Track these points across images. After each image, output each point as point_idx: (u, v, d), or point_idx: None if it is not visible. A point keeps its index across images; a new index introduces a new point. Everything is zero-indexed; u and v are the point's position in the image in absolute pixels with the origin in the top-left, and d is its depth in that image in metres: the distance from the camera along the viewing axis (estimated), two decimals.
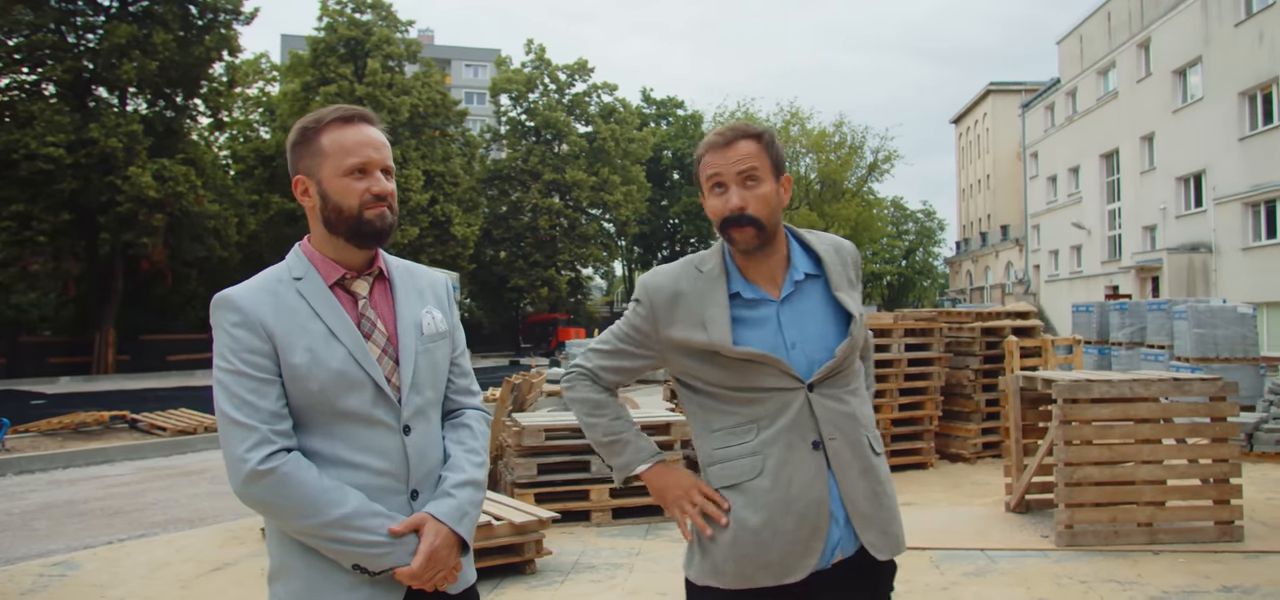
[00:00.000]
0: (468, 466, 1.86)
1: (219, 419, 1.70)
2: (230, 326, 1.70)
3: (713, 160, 1.92)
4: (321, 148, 1.78)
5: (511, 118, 45.44)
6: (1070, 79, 36.75)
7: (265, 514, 1.72)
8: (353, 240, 1.77)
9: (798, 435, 1.88)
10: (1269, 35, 22.50)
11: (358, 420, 1.73)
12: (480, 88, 71.07)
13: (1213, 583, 4.88)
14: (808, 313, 1.95)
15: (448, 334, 1.93)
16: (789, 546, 1.86)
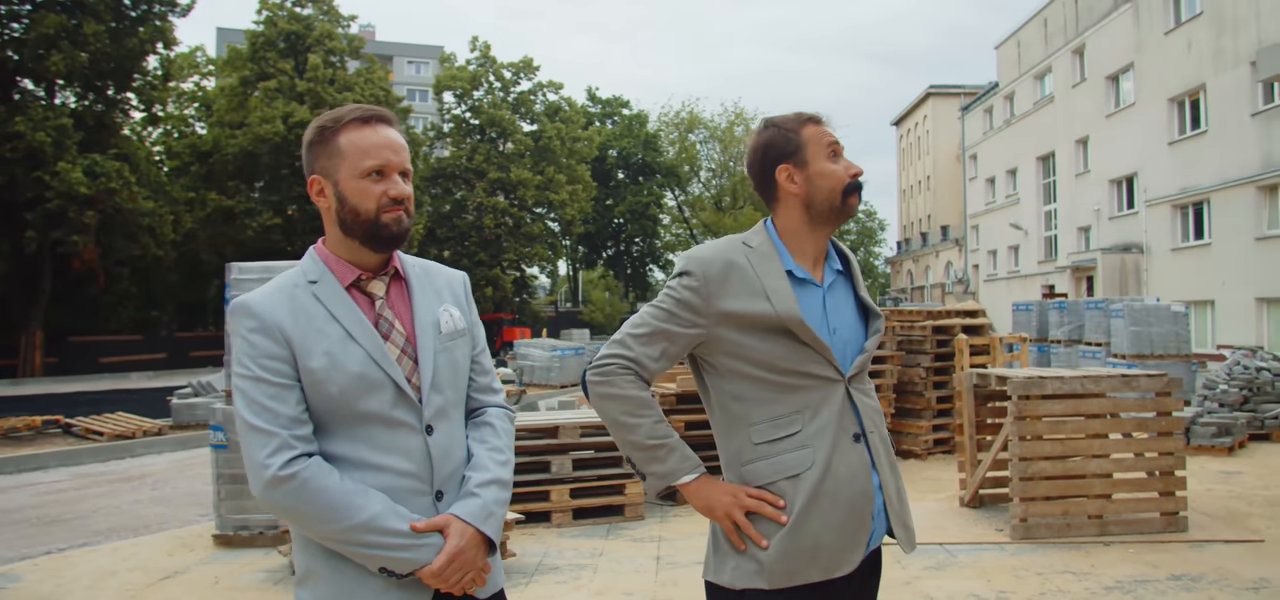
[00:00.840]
0: (492, 465, 1.83)
1: (239, 426, 1.67)
2: (247, 333, 1.68)
3: (822, 131, 1.97)
4: (339, 148, 1.74)
5: (456, 116, 44.97)
6: (1008, 83, 37.64)
7: (288, 519, 1.69)
8: (368, 243, 1.74)
9: (842, 428, 1.86)
10: (1196, 44, 23.32)
11: (379, 422, 1.71)
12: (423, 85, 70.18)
13: (1162, 572, 5.03)
14: (844, 305, 1.98)
15: (467, 332, 1.90)
16: (841, 540, 1.84)
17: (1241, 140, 21.56)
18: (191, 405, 13.64)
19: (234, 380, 1.69)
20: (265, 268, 6.06)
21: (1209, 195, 22.92)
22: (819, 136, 1.95)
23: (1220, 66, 22.30)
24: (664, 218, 56.12)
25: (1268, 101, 20.98)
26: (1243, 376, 9.90)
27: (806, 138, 1.94)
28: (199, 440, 12.44)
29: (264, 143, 32.49)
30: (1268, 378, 9.84)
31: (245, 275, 6.01)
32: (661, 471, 1.89)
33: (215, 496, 6.02)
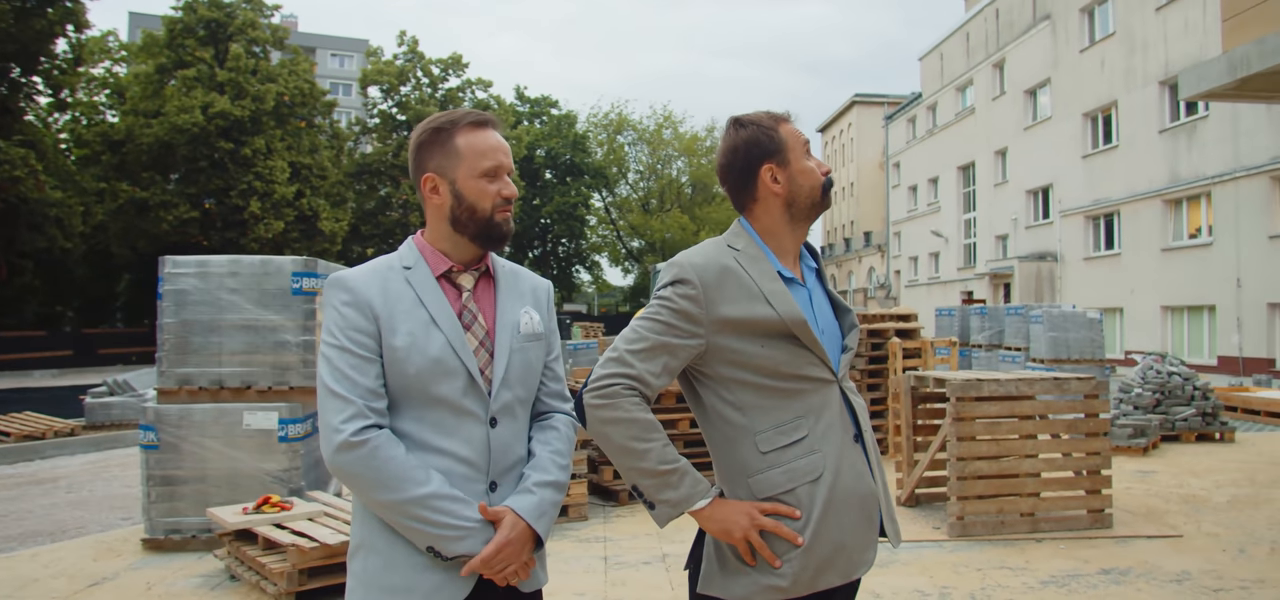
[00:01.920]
0: (552, 468, 1.90)
1: (320, 390, 1.77)
2: (340, 305, 1.78)
3: (798, 128, 1.98)
4: (457, 149, 1.84)
5: (382, 111, 44.08)
6: (931, 94, 38.68)
7: (351, 485, 1.75)
8: (479, 240, 1.86)
9: (840, 429, 1.86)
10: (1109, 62, 24.34)
11: (448, 407, 1.79)
12: (347, 78, 68.71)
13: (1092, 566, 5.23)
14: (822, 303, 1.98)
15: (544, 336, 1.98)
16: (858, 540, 1.84)
17: (1149, 156, 22.58)
18: (107, 405, 13.06)
19: (322, 347, 1.79)
20: (201, 262, 5.85)
21: (1119, 207, 23.95)
22: (795, 134, 1.95)
23: (1131, 85, 23.32)
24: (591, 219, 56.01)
25: (1174, 120, 22.02)
26: (1155, 381, 10.36)
27: (785, 136, 1.93)
28: (115, 441, 11.93)
29: (181, 133, 31.32)
30: (1177, 382, 10.32)
31: (180, 269, 5.80)
32: (675, 498, 1.79)
33: (144, 499, 5.78)
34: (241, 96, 32.65)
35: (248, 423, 5.73)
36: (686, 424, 7.52)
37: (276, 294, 5.83)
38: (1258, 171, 18.92)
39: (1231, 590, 4.77)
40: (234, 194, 32.44)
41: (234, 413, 5.73)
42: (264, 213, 32.61)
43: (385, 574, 1.75)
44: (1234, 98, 6.53)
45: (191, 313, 5.78)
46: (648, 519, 6.62)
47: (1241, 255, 19.32)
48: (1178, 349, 21.39)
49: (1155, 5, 22.28)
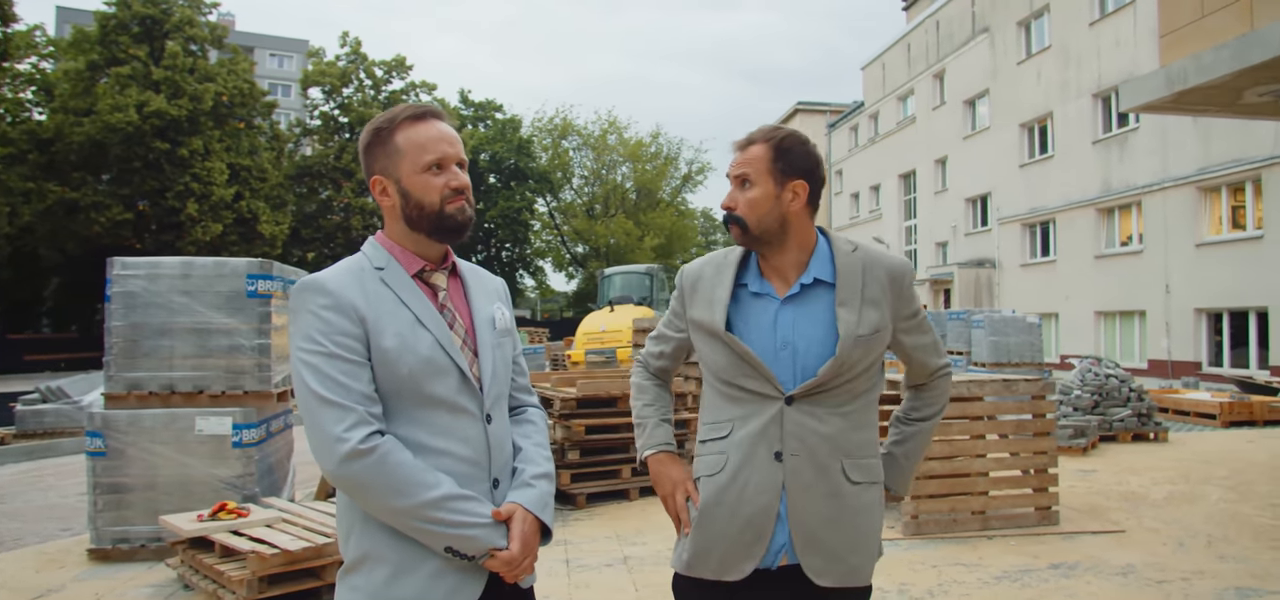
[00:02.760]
0: (541, 460, 1.93)
1: (307, 401, 1.68)
2: (320, 309, 1.70)
3: (731, 160, 2.03)
4: (397, 147, 1.80)
5: (324, 112, 43.39)
6: (873, 103, 39.36)
7: (359, 496, 1.70)
8: (435, 235, 1.82)
9: (763, 444, 1.93)
10: (1045, 75, 25.07)
11: (443, 407, 1.76)
12: (286, 79, 67.42)
13: (1042, 561, 5.40)
14: (811, 318, 1.95)
15: (511, 332, 1.98)
16: (731, 547, 1.94)
17: (1083, 166, 23.30)
18: (40, 412, 12.61)
19: (302, 357, 1.69)
20: (152, 263, 5.71)
21: (1054, 215, 24.65)
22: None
23: (1066, 97, 24.04)
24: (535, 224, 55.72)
25: (1107, 131, 22.76)
26: (1094, 383, 10.70)
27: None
28: (49, 450, 11.53)
29: (114, 132, 30.42)
30: (1114, 384, 10.67)
31: (129, 271, 5.65)
32: (639, 443, 2.16)
33: (90, 508, 5.61)
34: (178, 95, 31.85)
35: (200, 428, 5.61)
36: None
37: (231, 296, 5.72)
38: (1185, 182, 19.66)
39: (1174, 582, 4.96)
40: (170, 195, 31.62)
41: (186, 418, 5.60)
42: (202, 215, 31.85)
43: (394, 585, 1.70)
44: (1171, 110, 6.79)
45: (141, 315, 5.63)
46: (608, 522, 6.64)
47: (1170, 262, 20.05)
48: (1110, 352, 22.09)
49: (1089, 21, 23.02)
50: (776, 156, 1.96)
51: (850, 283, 1.96)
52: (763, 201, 1.95)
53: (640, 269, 24.39)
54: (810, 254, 1.99)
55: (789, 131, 2.01)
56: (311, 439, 1.69)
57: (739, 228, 1.97)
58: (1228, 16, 5.91)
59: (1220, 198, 19.24)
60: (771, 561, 1.94)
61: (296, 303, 1.73)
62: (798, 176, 1.97)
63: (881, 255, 2.03)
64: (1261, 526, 6.21)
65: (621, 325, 18.97)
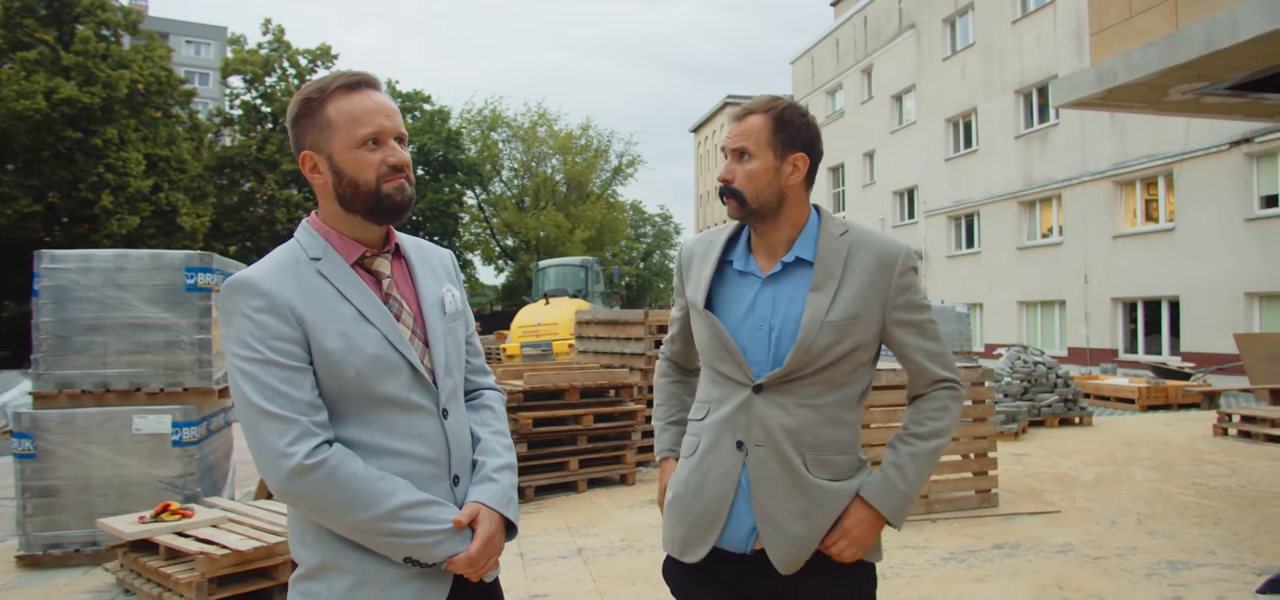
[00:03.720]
0: (502, 451, 1.82)
1: (247, 414, 1.55)
2: (253, 312, 1.56)
3: (728, 131, 1.96)
4: (329, 119, 1.64)
5: (246, 102, 42.09)
6: (802, 97, 39.89)
7: (310, 511, 1.58)
8: (371, 217, 1.67)
9: (728, 431, 1.89)
10: (969, 71, 25.75)
11: (395, 405, 1.64)
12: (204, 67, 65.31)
13: (985, 542, 5.56)
14: (790, 299, 1.90)
15: (462, 313, 1.85)
16: (690, 528, 1.93)
17: (1006, 160, 24.02)
18: None
19: (237, 364, 1.56)
20: (84, 256, 5.48)
21: (978, 208, 25.37)
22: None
23: (990, 93, 24.74)
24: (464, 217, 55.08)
25: (1028, 126, 23.50)
26: (1023, 370, 11.06)
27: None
28: None
29: (21, 120, 29.00)
30: (1042, 371, 11.05)
31: (59, 264, 5.41)
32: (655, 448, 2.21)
33: (18, 512, 5.37)
34: (91, 82, 30.54)
35: (138, 427, 5.41)
36: (589, 419, 7.54)
37: (168, 290, 5.52)
38: (1102, 176, 20.43)
39: (1109, 558, 5.17)
40: (83, 187, 30.33)
41: (122, 416, 5.40)
42: (117, 207, 30.63)
43: (356, 593, 1.60)
44: (1100, 106, 7.05)
45: (73, 311, 5.40)
46: (558, 514, 6.62)
47: (1088, 253, 20.81)
48: (1033, 341, 22.86)
49: (1011, 19, 23.72)
50: (777, 128, 1.88)
51: (828, 267, 1.88)
52: (762, 174, 1.87)
53: (575, 261, 24.30)
54: (799, 232, 1.93)
55: (789, 102, 1.93)
56: (255, 453, 1.56)
57: (736, 201, 1.89)
58: (1154, 17, 6.16)
59: (1135, 191, 20.05)
60: (742, 546, 1.89)
61: (227, 305, 1.58)
62: (798, 149, 1.90)
63: (873, 238, 1.93)
64: (1185, 504, 6.51)
65: (557, 318, 18.89)
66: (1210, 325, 17.39)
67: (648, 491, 7.41)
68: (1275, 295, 16.61)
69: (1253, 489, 6.98)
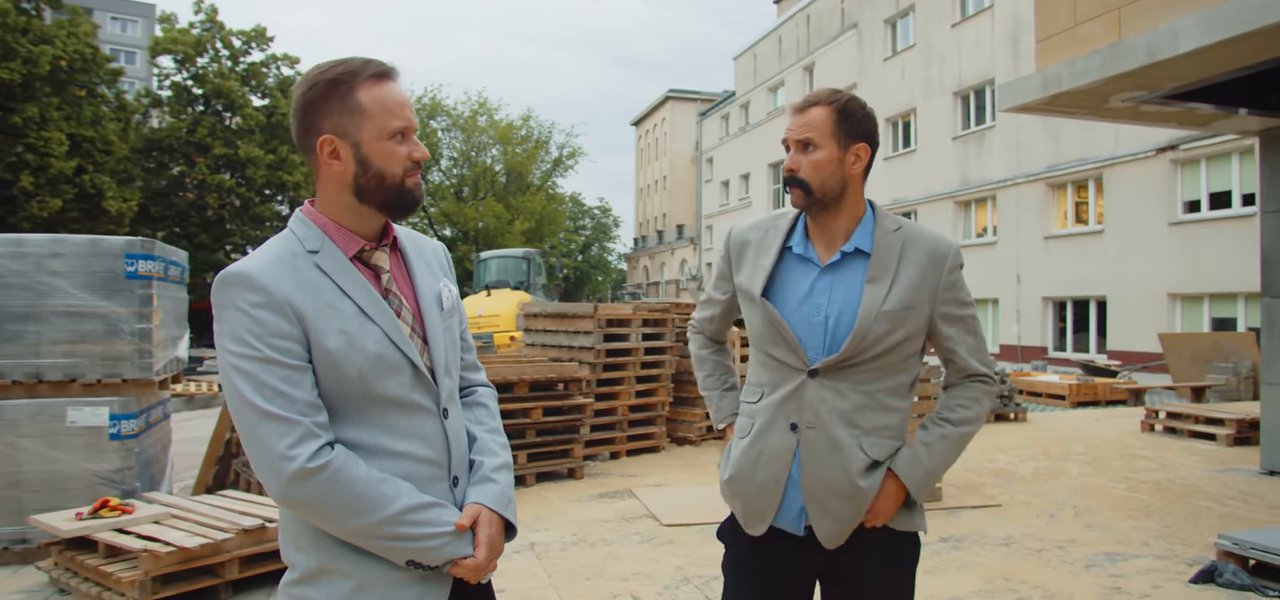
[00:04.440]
0: (499, 450, 1.78)
1: (244, 414, 1.48)
2: (250, 308, 1.48)
3: (789, 123, 2.03)
4: (360, 105, 1.57)
5: (176, 82, 40.76)
6: (744, 93, 40.23)
7: (310, 516, 1.52)
8: (388, 210, 1.63)
9: (782, 414, 1.98)
10: (909, 72, 26.25)
11: (395, 406, 1.59)
12: (130, 45, 63.17)
13: (932, 536, 5.67)
14: (847, 288, 1.97)
15: (457, 308, 1.81)
16: (748, 504, 2.03)
17: (943, 160, 24.55)
18: None
19: (233, 362, 1.49)
20: (16, 241, 5.25)
21: (916, 207, 25.88)
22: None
23: (928, 94, 25.25)
24: None
25: (965, 128, 24.05)
26: None
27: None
28: None
29: None
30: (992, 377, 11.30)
31: None
32: (712, 415, 2.26)
33: None
34: (9, 57, 29.26)
35: (72, 419, 5.21)
36: (538, 413, 7.50)
37: (107, 277, 5.32)
38: (1036, 178, 21.01)
39: (1050, 551, 5.32)
40: (0, 167, 29.10)
41: (56, 408, 5.19)
42: (38, 189, 29.46)
43: (357, 597, 1.56)
44: (1045, 111, 7.24)
45: (3, 298, 5.17)
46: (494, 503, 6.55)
47: (1021, 253, 21.39)
48: None
49: (951, 22, 24.23)
50: (840, 119, 1.95)
51: (884, 260, 1.96)
52: (827, 164, 1.94)
53: (518, 253, 24.15)
54: (857, 224, 2.00)
55: (850, 95, 2.00)
56: (253, 457, 1.51)
57: (802, 190, 1.96)
58: (1098, 26, 6.34)
59: (1066, 194, 20.67)
60: (794, 526, 2.00)
61: (222, 298, 1.51)
62: (860, 139, 1.97)
63: (924, 234, 2.01)
64: (1118, 497, 6.74)
65: (499, 310, 18.75)
66: (1135, 325, 18.03)
67: (596, 485, 7.41)
68: (1196, 296, 17.29)
69: (1180, 483, 7.26)
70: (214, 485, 6.62)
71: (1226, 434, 9.00)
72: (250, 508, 4.88)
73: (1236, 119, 7.26)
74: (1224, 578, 4.61)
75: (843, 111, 1.96)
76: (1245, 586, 4.52)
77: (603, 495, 7.03)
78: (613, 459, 8.54)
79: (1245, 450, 8.63)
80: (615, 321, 8.91)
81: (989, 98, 22.96)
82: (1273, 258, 7.47)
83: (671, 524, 5.99)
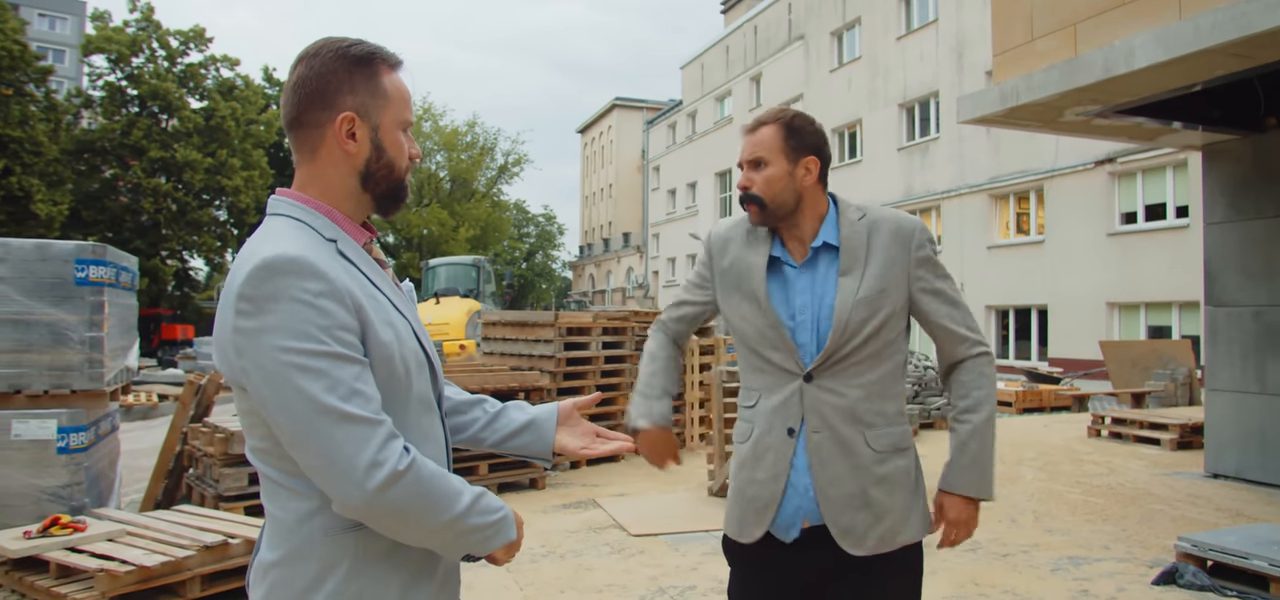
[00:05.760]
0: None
1: (315, 420, 1.30)
2: (313, 297, 1.32)
3: (742, 144, 2.12)
4: (384, 89, 1.49)
5: (109, 83, 39.53)
6: (691, 102, 40.44)
7: (396, 524, 1.38)
8: (384, 202, 1.53)
9: (780, 419, 2.02)
10: (855, 84, 26.65)
11: (422, 405, 1.50)
12: (59, 43, 61.11)
13: None
14: (824, 283, 2.03)
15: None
16: (745, 511, 2.07)
17: (888, 171, 24.96)
18: None
19: (296, 361, 1.30)
20: None
21: None
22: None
23: (874, 105, 25.66)
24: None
25: (910, 139, 24.49)
26: (914, 375, 11.48)
27: None
28: None
29: None
30: (931, 375, 11.50)
31: None
32: (635, 410, 2.21)
33: None
34: None
35: (17, 432, 4.99)
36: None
37: (55, 283, 5.11)
38: (979, 189, 21.47)
39: (1015, 555, 5.41)
40: None
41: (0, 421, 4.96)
42: None
43: None
44: (1002, 124, 7.39)
45: None
46: None
47: (965, 262, 21.84)
48: (914, 346, 23.83)
49: (896, 35, 24.67)
50: (788, 134, 2.04)
51: (853, 249, 2.02)
52: (778, 179, 2.02)
53: (467, 260, 23.88)
54: (822, 222, 2.07)
55: (796, 111, 2.10)
56: (326, 466, 1.32)
57: (757, 206, 2.04)
58: (1054, 41, 6.49)
59: (1008, 205, 21.17)
60: (787, 532, 2.02)
61: (271, 288, 1.31)
62: (809, 152, 2.05)
63: (888, 216, 2.07)
64: (1074, 502, 6.88)
65: (448, 318, 18.51)
66: (1075, 332, 18.53)
67: (559, 496, 7.33)
68: (1133, 305, 17.83)
69: (1130, 487, 7.45)
70: (163, 500, 6.39)
71: (1170, 438, 9.27)
72: (210, 523, 4.71)
73: (1182, 133, 7.50)
74: (1185, 579, 4.73)
75: (790, 127, 2.05)
76: (1205, 587, 4.64)
77: (567, 505, 6.96)
78: (573, 468, 8.47)
79: (1189, 454, 8.89)
80: (576, 330, 8.86)
81: (933, 110, 23.42)
82: (1216, 269, 7.72)
83: (640, 534, 5.94)
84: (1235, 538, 4.83)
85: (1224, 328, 7.65)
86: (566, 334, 8.66)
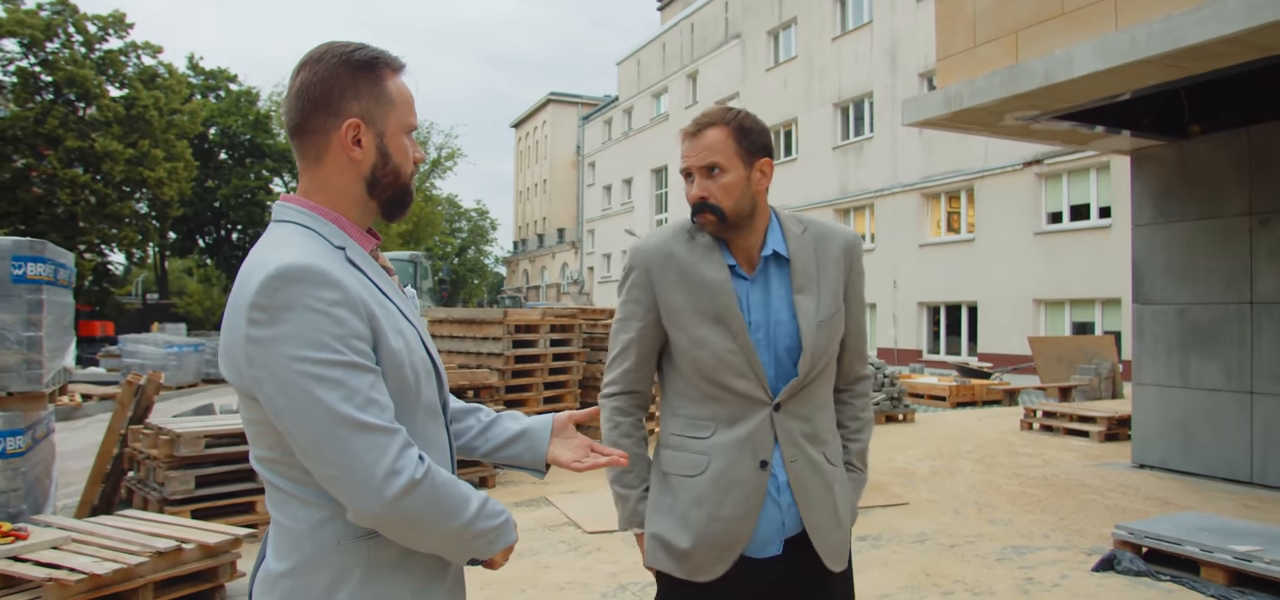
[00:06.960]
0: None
1: (333, 429, 1.30)
2: (328, 306, 1.31)
3: (684, 151, 1.93)
4: (389, 94, 1.48)
5: (22, 68, 37.85)
6: (627, 98, 40.49)
7: (412, 531, 1.37)
8: (389, 208, 1.52)
9: (747, 451, 1.87)
10: (791, 83, 27.01)
11: (429, 413, 1.49)
12: None
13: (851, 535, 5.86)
14: (777, 296, 1.93)
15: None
16: (706, 553, 1.90)
17: (823, 169, 25.37)
18: None
19: (313, 370, 1.29)
20: None
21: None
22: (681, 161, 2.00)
23: (810, 104, 26.05)
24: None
25: (844, 139, 24.93)
26: None
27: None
28: None
29: None
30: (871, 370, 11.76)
31: None
32: (621, 517, 2.05)
33: None
34: None
35: None
36: None
37: None
38: (911, 188, 21.97)
39: (961, 546, 5.58)
40: None
41: None
42: None
43: None
44: (946, 127, 7.59)
45: None
46: None
47: (898, 260, 22.34)
48: None
49: (831, 36, 25.08)
50: (740, 137, 1.88)
51: (805, 266, 1.93)
52: (736, 185, 1.86)
53: (404, 256, 23.57)
54: (766, 231, 1.95)
55: (742, 110, 1.93)
56: (343, 476, 1.31)
57: (716, 217, 1.87)
58: (996, 48, 6.70)
59: (940, 204, 21.71)
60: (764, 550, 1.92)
61: (285, 297, 1.30)
62: (762, 154, 1.91)
63: (831, 230, 2.01)
64: (1013, 493, 7.12)
65: None
66: (1004, 328, 19.11)
67: (510, 494, 7.30)
68: (1059, 301, 18.46)
69: (1065, 478, 7.73)
70: (101, 505, 6.18)
71: (1098, 431, 9.65)
72: (160, 529, 4.58)
73: (1114, 139, 7.81)
74: (1122, 565, 4.94)
75: (741, 129, 1.89)
76: (1141, 572, 4.86)
77: (519, 503, 6.94)
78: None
79: (1116, 445, 9.27)
80: (524, 327, 8.82)
81: (868, 110, 23.88)
82: (1143, 269, 8.06)
83: (595, 531, 5.96)
84: (1167, 525, 5.07)
85: (1150, 325, 8.00)
86: (515, 331, 8.62)
